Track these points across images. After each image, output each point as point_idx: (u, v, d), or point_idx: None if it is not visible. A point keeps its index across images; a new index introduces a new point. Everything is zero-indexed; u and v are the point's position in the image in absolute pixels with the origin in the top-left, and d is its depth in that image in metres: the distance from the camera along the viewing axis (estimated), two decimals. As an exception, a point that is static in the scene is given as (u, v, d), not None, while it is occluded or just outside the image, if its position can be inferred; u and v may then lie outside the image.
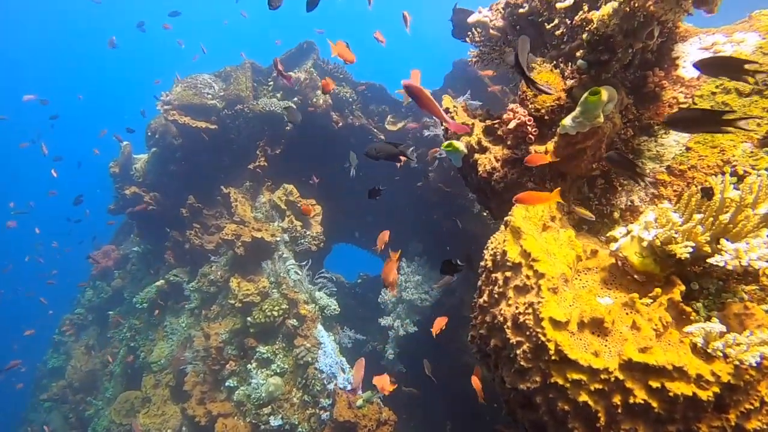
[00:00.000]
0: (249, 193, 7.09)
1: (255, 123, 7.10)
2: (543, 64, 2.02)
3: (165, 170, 7.43)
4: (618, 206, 1.93)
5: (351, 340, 6.36)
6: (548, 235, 1.59)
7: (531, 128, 1.91)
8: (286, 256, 6.12)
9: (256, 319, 5.51)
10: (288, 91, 7.37)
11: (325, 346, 5.13)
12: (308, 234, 6.59)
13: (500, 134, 2.23)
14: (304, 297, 5.64)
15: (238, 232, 6.34)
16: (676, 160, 1.88)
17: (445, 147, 2.24)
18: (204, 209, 7.29)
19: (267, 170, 7.09)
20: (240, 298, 5.69)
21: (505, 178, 2.15)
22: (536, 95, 1.89)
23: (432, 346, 8.62)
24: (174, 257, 7.44)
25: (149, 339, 7.71)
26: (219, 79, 7.30)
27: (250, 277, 6.27)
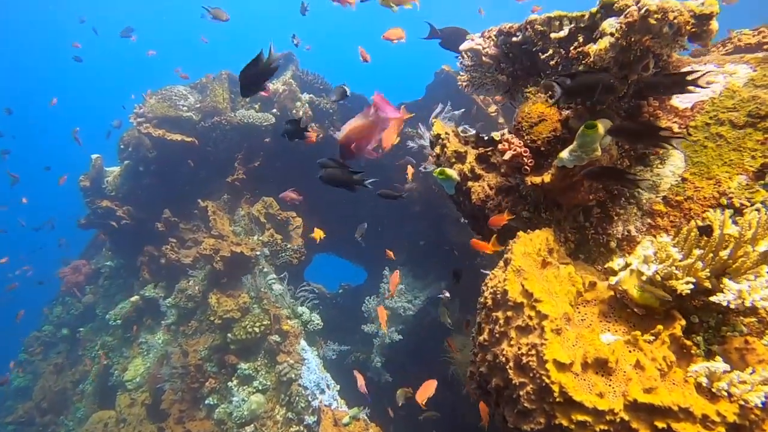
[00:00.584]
0: (227, 207, 7.00)
1: (233, 135, 7.01)
2: (537, 94, 2.05)
3: (139, 183, 7.26)
4: (614, 236, 1.96)
5: (335, 353, 6.33)
6: (549, 272, 1.62)
7: (527, 159, 1.94)
8: (267, 270, 6.05)
9: (236, 336, 5.43)
10: (266, 103, 7.31)
11: (309, 362, 5.09)
12: (289, 247, 6.54)
13: (494, 162, 2.26)
14: (287, 312, 5.58)
15: (216, 247, 6.24)
16: (672, 190, 1.91)
17: (438, 174, 2.25)
18: (180, 223, 7.14)
19: (245, 183, 7.01)
20: (220, 315, 5.59)
21: (500, 206, 2.18)
22: (532, 126, 1.92)
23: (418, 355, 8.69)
24: (149, 272, 7.26)
25: (124, 356, 7.49)
26: (195, 91, 7.19)
27: (230, 292, 6.17)
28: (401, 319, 8.51)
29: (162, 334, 6.99)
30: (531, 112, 1.94)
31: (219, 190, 7.14)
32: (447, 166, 2.34)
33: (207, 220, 6.96)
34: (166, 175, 7.12)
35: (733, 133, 1.90)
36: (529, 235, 1.76)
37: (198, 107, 6.92)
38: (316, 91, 7.70)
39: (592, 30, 1.91)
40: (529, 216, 2.10)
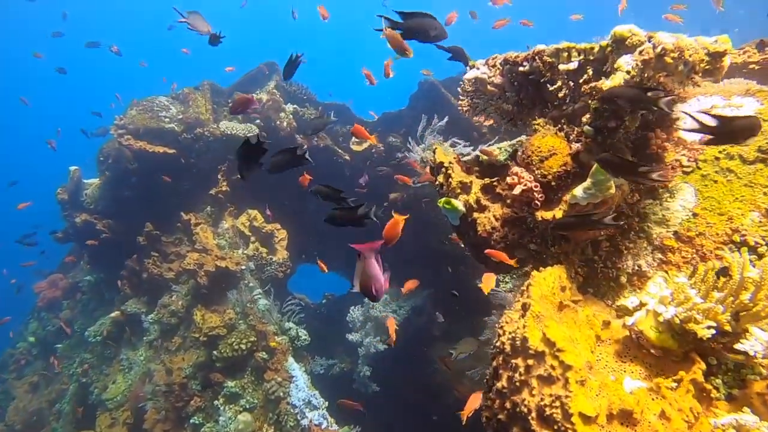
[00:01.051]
0: (211, 219, 6.87)
1: (216, 146, 6.90)
2: (546, 126, 2.03)
3: (119, 196, 7.08)
4: (624, 270, 1.93)
5: (322, 367, 6.25)
6: (567, 315, 1.59)
7: (537, 194, 1.91)
8: (253, 285, 5.95)
9: (222, 354, 5.32)
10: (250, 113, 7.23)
11: (297, 379, 5.01)
12: (274, 260, 6.45)
13: (499, 192, 2.23)
14: (273, 328, 5.49)
15: (200, 261, 6.12)
16: (683, 225, 1.89)
17: (444, 205, 2.21)
18: (162, 236, 6.98)
19: (229, 195, 6.90)
20: (205, 332, 5.48)
21: (506, 238, 2.15)
22: (542, 160, 1.89)
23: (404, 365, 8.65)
24: (130, 287, 7.08)
25: (103, 374, 7.28)
26: (176, 101, 7.05)
27: (214, 308, 6.06)
28: (386, 329, 8.47)
29: (144, 350, 6.81)
30: (541, 146, 1.92)
31: (202, 202, 7.02)
32: (452, 196, 2.30)
33: (190, 232, 6.83)
34: (147, 187, 6.96)
35: (743, 168, 1.88)
36: (542, 275, 1.72)
37: (180, 118, 6.79)
38: (299, 101, 7.64)
39: (602, 63, 1.89)
40: (536, 248, 2.07)
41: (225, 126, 6.81)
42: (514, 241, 2.13)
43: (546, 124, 2.02)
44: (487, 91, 2.25)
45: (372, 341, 8.08)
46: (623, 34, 1.79)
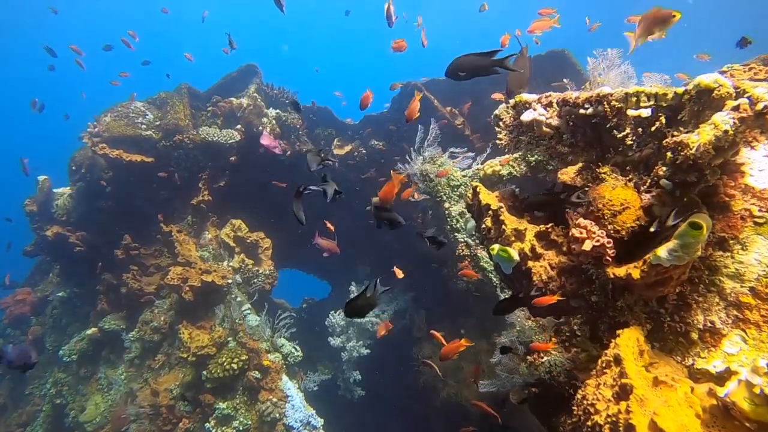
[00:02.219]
0: (192, 230, 6.60)
1: (196, 154, 6.61)
2: (613, 176, 1.92)
3: (93, 207, 6.71)
4: (695, 326, 1.84)
5: (315, 384, 6.10)
6: (666, 394, 1.46)
7: (609, 250, 1.79)
8: (241, 299, 5.74)
9: (213, 374, 5.11)
10: (230, 118, 6.95)
11: (293, 398, 4.86)
12: (260, 272, 6.24)
13: (554, 239, 2.12)
14: (266, 345, 5.31)
15: (184, 275, 5.87)
16: (761, 282, 1.78)
17: (500, 253, 2.07)
18: (141, 248, 6.66)
19: (211, 205, 6.63)
20: (194, 351, 5.24)
21: (563, 288, 2.06)
22: (615, 215, 1.79)
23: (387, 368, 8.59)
24: (108, 302, 6.74)
25: (80, 394, 6.92)
26: (153, 107, 6.71)
27: (201, 324, 5.82)
28: (369, 334, 8.43)
29: (124, 369, 6.50)
30: (613, 199, 1.82)
31: (183, 212, 6.72)
32: (505, 244, 2.16)
33: (171, 244, 6.54)
34: (123, 197, 6.62)
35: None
36: (623, 340, 1.62)
37: (158, 125, 6.47)
38: (281, 105, 7.41)
39: (676, 111, 1.81)
40: (597, 300, 1.97)
41: (205, 132, 6.53)
42: (572, 292, 2.04)
43: (612, 173, 1.92)
44: (542, 132, 2.14)
45: (355, 346, 8.01)
46: (709, 85, 1.71)
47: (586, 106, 1.96)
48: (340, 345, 8.13)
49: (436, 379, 7.73)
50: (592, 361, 1.89)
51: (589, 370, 1.88)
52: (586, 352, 1.92)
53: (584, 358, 1.92)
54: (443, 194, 3.70)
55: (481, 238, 2.32)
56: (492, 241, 2.18)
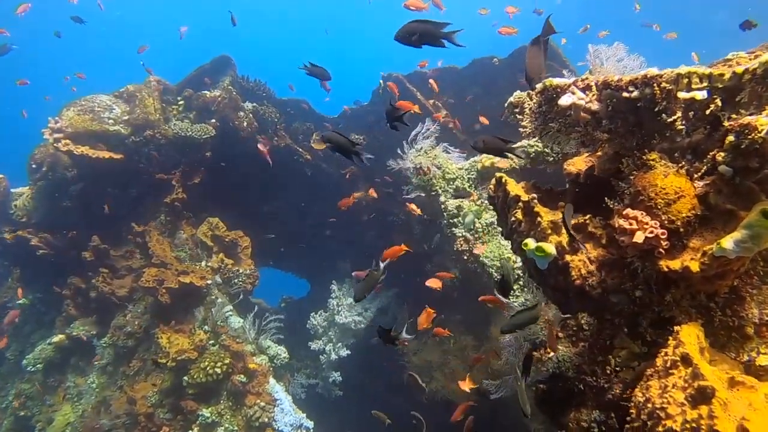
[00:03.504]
0: (167, 230, 6.30)
1: (168, 150, 6.31)
2: (661, 161, 1.83)
3: (56, 207, 6.31)
4: (750, 320, 1.76)
5: (304, 389, 5.95)
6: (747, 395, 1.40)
7: (663, 242, 1.69)
8: (222, 301, 5.52)
9: (195, 379, 4.90)
10: (203, 112, 6.67)
11: (282, 402, 4.71)
12: (241, 272, 6.02)
13: (592, 231, 2.03)
14: (251, 348, 5.12)
15: (160, 277, 5.60)
16: None
17: (536, 251, 1.95)
18: (111, 250, 6.32)
19: (186, 203, 6.35)
20: (173, 357, 5.01)
21: (603, 283, 1.96)
22: (669, 204, 1.70)
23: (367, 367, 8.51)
24: (76, 307, 6.37)
25: (47, 404, 6.53)
26: (120, 101, 6.36)
27: (179, 327, 5.58)
28: (353, 333, 8.34)
29: (96, 377, 6.16)
30: (666, 188, 1.73)
31: (155, 210, 6.41)
32: (541, 237, 2.05)
33: (143, 245, 6.24)
34: (90, 196, 6.25)
35: None
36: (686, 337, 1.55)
37: (126, 120, 6.13)
38: (258, 99, 7.16)
39: (733, 93, 1.71)
40: (641, 295, 1.89)
41: (178, 127, 6.23)
42: (614, 286, 1.96)
43: (661, 159, 1.84)
44: (579, 118, 2.03)
45: (336, 347, 7.90)
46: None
47: (630, 88, 1.84)
48: (321, 348, 8.00)
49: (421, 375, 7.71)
50: (633, 359, 1.83)
51: (631, 368, 1.83)
52: (626, 350, 1.87)
53: (625, 355, 1.87)
54: (438, 188, 3.61)
55: (508, 233, 2.22)
56: (523, 234, 2.07)
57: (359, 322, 8.28)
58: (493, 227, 3.36)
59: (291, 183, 8.01)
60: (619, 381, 2.11)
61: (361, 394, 8.34)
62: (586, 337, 2.76)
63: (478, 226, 3.37)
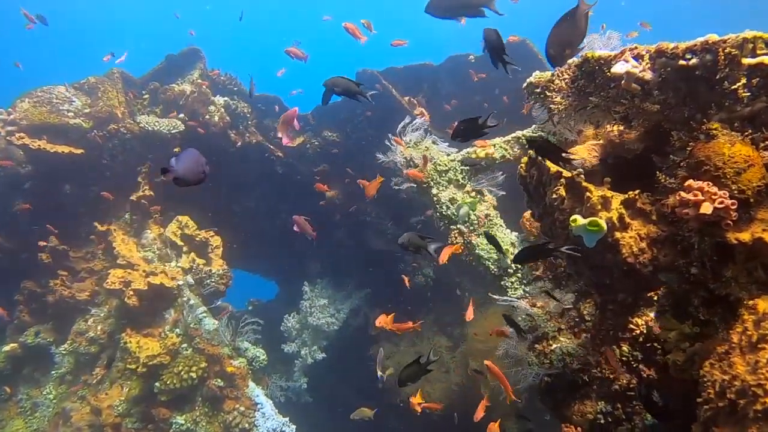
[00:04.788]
0: (132, 229, 5.97)
1: (134, 145, 5.99)
2: (723, 131, 1.79)
3: (8, 206, 5.85)
4: None
5: (283, 392, 5.76)
6: None
7: (733, 213, 1.62)
8: (194, 302, 5.27)
9: (168, 385, 4.63)
10: (171, 106, 6.37)
11: (263, 406, 4.52)
12: (214, 273, 5.78)
13: (641, 207, 1.97)
14: (227, 350, 4.90)
15: (126, 279, 5.29)
16: None
17: (588, 226, 1.84)
18: (70, 251, 5.92)
19: (153, 200, 6.04)
20: (144, 361, 4.73)
21: (656, 260, 1.90)
22: (738, 173, 1.65)
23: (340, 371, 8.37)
24: (29, 313, 5.91)
25: (-5, 420, 6.03)
26: (80, 92, 5.98)
27: (148, 331, 5.28)
28: (325, 335, 8.21)
29: (53, 387, 5.74)
30: (735, 156, 1.66)
31: (120, 209, 6.07)
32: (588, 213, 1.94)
33: (106, 246, 5.88)
34: (46, 194, 5.84)
35: None
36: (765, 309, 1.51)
37: (88, 112, 5.77)
38: (229, 93, 6.92)
39: None
40: (697, 273, 1.83)
41: (145, 121, 5.92)
42: (666, 264, 1.91)
43: (723, 128, 1.79)
44: (631, 88, 1.93)
45: (310, 350, 7.75)
46: None
47: (687, 56, 1.79)
48: (295, 350, 7.80)
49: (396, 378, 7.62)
50: (683, 340, 1.81)
51: (681, 350, 1.81)
52: (676, 331, 1.84)
53: (674, 337, 1.84)
54: (430, 180, 3.56)
55: (541, 213, 2.16)
56: (566, 212, 2.01)
57: (332, 323, 8.15)
58: (489, 219, 3.34)
59: (262, 181, 7.79)
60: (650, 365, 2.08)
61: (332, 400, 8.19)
62: (588, 327, 2.77)
63: (473, 218, 3.35)
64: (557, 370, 2.70)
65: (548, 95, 2.18)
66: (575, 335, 2.78)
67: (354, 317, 8.76)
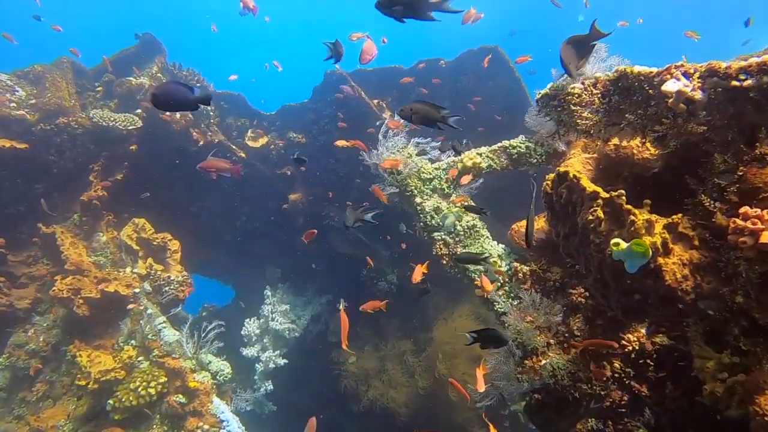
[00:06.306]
0: (82, 231, 5.51)
1: (85, 141, 5.53)
2: None
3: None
4: None
5: (248, 403, 5.47)
6: None
7: None
8: (152, 311, 4.91)
9: (123, 402, 4.28)
10: (127, 100, 5.95)
11: (229, 423, 4.25)
12: (173, 279, 5.42)
13: (682, 232, 1.90)
14: (190, 364, 4.58)
15: (76, 286, 4.86)
16: None
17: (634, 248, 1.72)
18: (9, 255, 5.39)
19: (106, 201, 5.60)
20: (96, 377, 4.35)
21: (698, 288, 1.83)
22: None
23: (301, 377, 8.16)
24: (-41, 324, 5.33)
25: None
26: (24, 81, 5.47)
27: (99, 343, 4.88)
28: (285, 342, 8.00)
29: (-16, 405, 5.20)
30: None
31: (67, 209, 5.59)
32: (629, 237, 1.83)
33: (51, 249, 5.39)
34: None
35: None
36: None
37: (33, 104, 5.27)
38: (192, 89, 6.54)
39: None
40: (743, 303, 1.78)
41: (98, 116, 5.49)
42: (710, 292, 1.84)
43: None
44: (678, 108, 1.86)
45: (271, 356, 7.51)
46: None
47: (741, 77, 1.72)
48: (255, 354, 7.53)
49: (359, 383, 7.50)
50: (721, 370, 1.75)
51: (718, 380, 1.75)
52: (713, 360, 1.79)
53: (713, 366, 1.78)
54: (413, 188, 3.45)
55: (569, 232, 2.05)
56: (602, 235, 1.91)
57: (293, 330, 7.94)
58: (474, 230, 3.28)
59: (222, 182, 7.46)
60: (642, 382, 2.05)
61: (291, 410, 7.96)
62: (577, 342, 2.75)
63: (459, 229, 3.28)
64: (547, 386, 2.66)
65: (573, 109, 2.10)
66: (564, 350, 2.76)
67: (315, 324, 8.57)
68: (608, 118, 2.03)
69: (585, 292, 2.62)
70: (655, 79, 1.97)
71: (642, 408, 2.44)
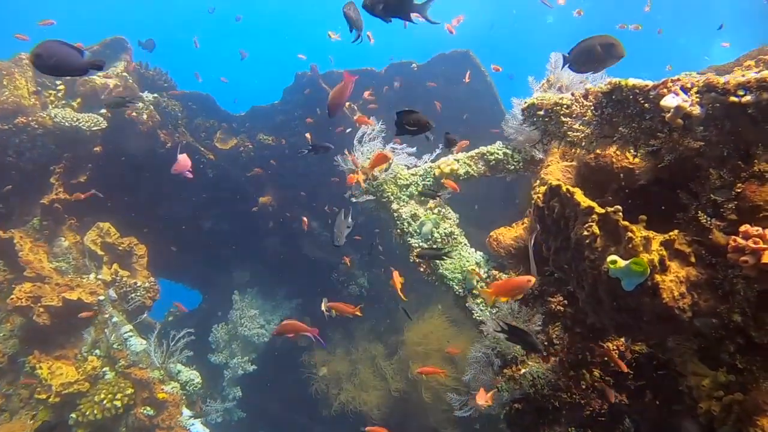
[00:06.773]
0: (42, 236, 5.26)
1: (46, 141, 5.29)
2: None
3: None
4: None
5: (219, 414, 5.34)
6: None
7: None
8: (118, 320, 4.74)
9: (87, 416, 4.11)
10: (91, 100, 5.73)
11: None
12: (139, 285, 5.25)
13: (678, 248, 1.87)
14: (158, 374, 4.44)
15: (36, 293, 4.64)
16: None
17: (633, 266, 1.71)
18: (-39, 261, 5.10)
19: (69, 205, 5.37)
20: (57, 390, 4.16)
21: (696, 306, 1.80)
22: None
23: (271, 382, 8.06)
24: None
25: None
26: (-21, 79, 5.19)
27: (61, 353, 4.67)
28: (254, 347, 7.91)
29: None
30: None
31: (26, 213, 5.33)
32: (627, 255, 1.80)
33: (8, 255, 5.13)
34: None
35: None
36: None
37: (-11, 102, 5.02)
38: (159, 89, 6.36)
39: None
40: (744, 320, 1.78)
41: (60, 116, 5.26)
42: (707, 309, 1.83)
43: None
44: (675, 123, 1.84)
45: (240, 362, 7.39)
46: None
47: (740, 92, 1.70)
48: (223, 360, 7.38)
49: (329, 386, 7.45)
50: (717, 388, 1.77)
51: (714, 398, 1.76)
52: (708, 378, 1.80)
53: (708, 384, 1.80)
54: (390, 194, 3.44)
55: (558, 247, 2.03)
56: (596, 251, 1.87)
57: (262, 335, 7.84)
58: (452, 237, 3.30)
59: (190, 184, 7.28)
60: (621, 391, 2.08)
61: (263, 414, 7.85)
62: (556, 351, 2.80)
63: (436, 236, 3.29)
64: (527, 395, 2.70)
65: (564, 121, 2.10)
66: (543, 359, 2.80)
67: (286, 329, 8.47)
68: (600, 130, 2.04)
69: (564, 300, 2.67)
70: (651, 92, 1.97)
71: (622, 417, 2.50)
